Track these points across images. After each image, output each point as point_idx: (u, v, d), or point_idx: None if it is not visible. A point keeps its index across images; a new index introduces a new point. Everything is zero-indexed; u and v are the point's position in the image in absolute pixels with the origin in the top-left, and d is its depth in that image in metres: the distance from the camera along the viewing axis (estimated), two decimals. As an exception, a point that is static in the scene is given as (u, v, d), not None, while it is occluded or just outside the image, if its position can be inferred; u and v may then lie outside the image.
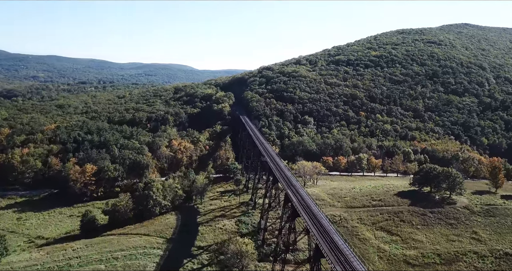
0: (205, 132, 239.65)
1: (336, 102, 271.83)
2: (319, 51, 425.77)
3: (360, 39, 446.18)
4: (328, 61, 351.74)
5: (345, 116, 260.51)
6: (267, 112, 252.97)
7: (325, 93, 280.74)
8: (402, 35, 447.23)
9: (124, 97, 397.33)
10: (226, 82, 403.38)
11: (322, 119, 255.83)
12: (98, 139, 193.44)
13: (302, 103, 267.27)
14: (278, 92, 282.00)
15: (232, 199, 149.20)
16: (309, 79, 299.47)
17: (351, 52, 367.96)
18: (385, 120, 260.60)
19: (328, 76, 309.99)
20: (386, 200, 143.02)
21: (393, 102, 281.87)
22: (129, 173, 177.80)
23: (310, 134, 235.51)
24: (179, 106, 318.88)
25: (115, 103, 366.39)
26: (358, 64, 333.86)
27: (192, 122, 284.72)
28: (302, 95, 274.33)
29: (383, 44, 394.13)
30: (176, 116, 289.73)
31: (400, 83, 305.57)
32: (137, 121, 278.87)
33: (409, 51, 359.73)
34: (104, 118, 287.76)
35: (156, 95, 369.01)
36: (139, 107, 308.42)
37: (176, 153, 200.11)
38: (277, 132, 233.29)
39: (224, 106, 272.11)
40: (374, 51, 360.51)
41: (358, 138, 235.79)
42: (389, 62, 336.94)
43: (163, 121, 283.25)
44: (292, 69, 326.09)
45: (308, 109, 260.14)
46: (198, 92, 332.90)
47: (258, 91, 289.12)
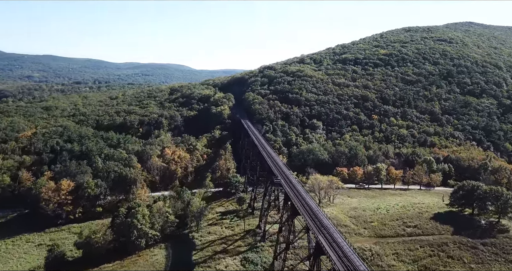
0: (203, 138, 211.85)
1: (346, 105, 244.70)
2: (323, 50, 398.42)
3: (365, 37, 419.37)
4: (334, 60, 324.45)
5: (356, 120, 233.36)
6: (271, 116, 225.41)
7: (333, 95, 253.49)
8: (409, 33, 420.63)
9: (117, 99, 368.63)
10: (225, 82, 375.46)
11: (331, 123, 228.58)
12: (79, 148, 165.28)
13: (309, 105, 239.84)
14: (282, 94, 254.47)
15: (235, 224, 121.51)
16: (315, 79, 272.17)
17: (357, 51, 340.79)
18: (400, 124, 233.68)
19: (335, 76, 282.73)
20: (422, 226, 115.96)
21: (407, 104, 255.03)
22: (114, 189, 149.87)
23: (320, 141, 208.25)
24: (174, 108, 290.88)
25: (107, 105, 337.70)
26: (367, 63, 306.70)
27: (189, 126, 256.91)
28: (309, 96, 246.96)
29: (390, 42, 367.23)
30: (171, 119, 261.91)
31: (413, 84, 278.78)
32: (128, 126, 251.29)
33: (419, 50, 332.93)
34: (93, 121, 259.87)
35: (150, 97, 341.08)
36: (131, 110, 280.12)
37: (170, 164, 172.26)
38: (283, 138, 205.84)
39: (223, 109, 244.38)
40: (382, 50, 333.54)
41: (373, 144, 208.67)
42: (399, 61, 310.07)
43: (156, 125, 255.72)
44: (297, 68, 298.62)
45: (316, 113, 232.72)
46: (195, 93, 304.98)
47: (261, 92, 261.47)
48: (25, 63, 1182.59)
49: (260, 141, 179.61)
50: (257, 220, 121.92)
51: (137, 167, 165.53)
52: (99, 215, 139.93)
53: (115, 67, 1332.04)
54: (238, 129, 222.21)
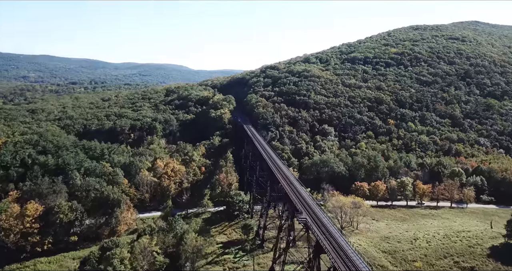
0: (201, 147, 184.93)
1: (359, 108, 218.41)
2: (327, 49, 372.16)
3: (372, 36, 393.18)
4: (342, 59, 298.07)
5: (371, 125, 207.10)
6: (277, 121, 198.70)
7: (344, 97, 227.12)
8: (417, 31, 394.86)
9: (109, 100, 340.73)
10: (225, 83, 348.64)
11: (344, 129, 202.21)
12: (54, 161, 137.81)
13: (318, 109, 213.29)
14: (288, 96, 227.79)
15: (242, 264, 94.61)
16: (323, 80, 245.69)
17: (366, 49, 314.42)
18: (419, 130, 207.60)
19: (345, 76, 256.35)
20: (481, 268, 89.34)
21: (425, 107, 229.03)
22: (94, 211, 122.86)
23: (333, 149, 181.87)
24: (169, 111, 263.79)
25: (98, 107, 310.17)
26: (378, 63, 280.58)
27: (185, 131, 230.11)
28: (318, 99, 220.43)
29: (400, 41, 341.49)
30: (165, 124, 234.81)
31: (430, 85, 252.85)
32: (118, 131, 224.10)
33: (432, 48, 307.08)
34: (80, 126, 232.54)
35: (144, 98, 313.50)
36: (122, 113, 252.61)
37: (162, 179, 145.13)
38: (291, 147, 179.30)
39: (223, 112, 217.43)
40: (393, 48, 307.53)
41: (392, 153, 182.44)
42: (412, 60, 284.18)
43: (149, 131, 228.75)
44: (302, 68, 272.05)
45: (327, 117, 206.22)
46: (193, 95, 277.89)
47: (264, 94, 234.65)
48: (21, 63, 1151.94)
49: (267, 151, 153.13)
50: (269, 258, 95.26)
51: (123, 183, 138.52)
52: (74, 245, 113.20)
53: (112, 67, 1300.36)
54: (240, 136, 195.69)
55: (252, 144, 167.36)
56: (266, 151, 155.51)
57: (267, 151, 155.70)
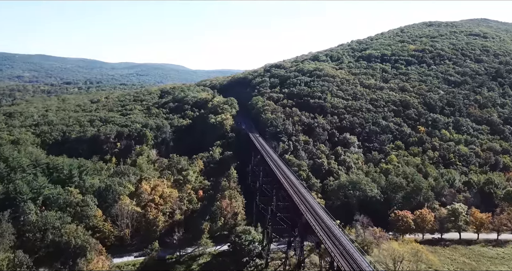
0: (198, 161, 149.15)
1: (383, 113, 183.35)
2: (335, 47, 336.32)
3: (383, 32, 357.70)
4: (356, 57, 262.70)
5: (399, 133, 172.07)
6: (289, 129, 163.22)
7: (365, 100, 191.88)
8: (431, 27, 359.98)
9: (99, 102, 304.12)
10: (224, 83, 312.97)
11: (368, 138, 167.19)
12: (2, 188, 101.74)
13: (337, 114, 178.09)
14: (300, 98, 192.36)
15: None
16: (339, 80, 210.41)
17: (381, 46, 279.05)
18: (455, 138, 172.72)
19: (362, 76, 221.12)
20: None
21: (457, 111, 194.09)
22: (50, 261, 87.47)
23: (358, 164, 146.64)
24: (163, 115, 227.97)
25: (84, 110, 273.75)
26: (397, 61, 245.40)
27: (180, 140, 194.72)
28: (336, 102, 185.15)
29: (416, 37, 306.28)
30: (157, 131, 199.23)
31: (459, 85, 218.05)
32: (102, 139, 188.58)
33: (455, 45, 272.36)
34: (58, 133, 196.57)
35: (136, 100, 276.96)
36: (109, 118, 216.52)
37: (148, 208, 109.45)
38: (309, 161, 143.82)
39: (224, 118, 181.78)
40: (411, 45, 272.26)
41: (430, 168, 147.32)
42: (435, 58, 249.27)
43: (139, 139, 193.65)
44: (314, 66, 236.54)
45: (348, 124, 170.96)
46: (189, 96, 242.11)
47: (272, 96, 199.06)
48: (16, 62, 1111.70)
49: (282, 170, 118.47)
50: None
51: (96, 215, 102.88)
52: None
53: (109, 67, 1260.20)
54: (245, 147, 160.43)
55: (262, 159, 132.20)
56: (280, 169, 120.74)
57: (282, 169, 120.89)
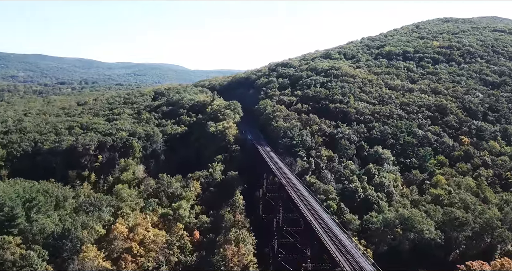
0: (194, 184, 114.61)
1: (418, 120, 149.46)
2: (345, 44, 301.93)
3: (396, 29, 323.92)
4: (374, 54, 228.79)
5: (440, 145, 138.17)
6: (307, 141, 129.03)
7: (395, 104, 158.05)
8: (448, 23, 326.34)
9: (86, 104, 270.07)
10: (225, 84, 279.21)
11: (404, 152, 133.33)
12: None
13: (363, 121, 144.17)
14: (316, 102, 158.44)
15: None
16: (360, 81, 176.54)
17: (399, 43, 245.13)
18: (508, 152, 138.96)
19: (386, 75, 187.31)
20: None
21: (503, 118, 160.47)
22: None
23: (398, 187, 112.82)
24: (154, 121, 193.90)
25: (67, 113, 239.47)
26: (422, 59, 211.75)
27: (173, 152, 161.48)
28: (361, 107, 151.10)
29: (436, 33, 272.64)
30: (147, 140, 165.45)
31: (499, 87, 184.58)
32: (80, 151, 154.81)
33: (483, 41, 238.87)
34: (29, 144, 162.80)
35: (127, 103, 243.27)
36: (91, 124, 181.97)
37: (121, 264, 75.10)
38: (337, 185, 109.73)
39: (227, 126, 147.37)
40: (435, 41, 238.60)
41: (489, 193, 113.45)
42: (465, 56, 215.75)
43: (124, 150, 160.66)
44: (328, 64, 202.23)
45: (378, 134, 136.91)
46: (185, 99, 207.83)
47: (282, 100, 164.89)
48: (11, 62, 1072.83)
49: (305, 199, 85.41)
50: None
51: (43, 278, 68.77)
52: None
53: (106, 67, 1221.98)
54: (252, 163, 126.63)
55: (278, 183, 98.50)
56: (303, 198, 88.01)
57: (305, 199, 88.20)
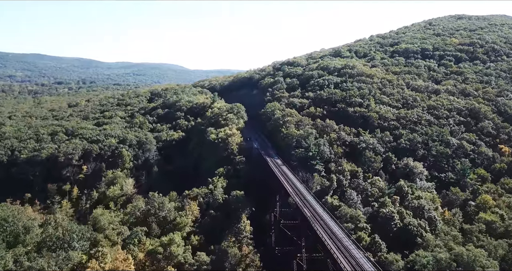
0: (191, 206, 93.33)
1: (450, 126, 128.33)
2: (352, 42, 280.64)
3: (408, 26, 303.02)
4: (389, 52, 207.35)
5: (478, 156, 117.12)
6: (324, 151, 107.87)
7: (421, 108, 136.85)
8: (463, 20, 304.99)
9: (77, 106, 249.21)
10: (225, 84, 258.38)
11: (437, 164, 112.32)
12: None
13: (387, 128, 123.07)
14: (332, 105, 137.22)
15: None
16: (379, 81, 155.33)
17: (414, 40, 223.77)
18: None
19: (406, 75, 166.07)
20: None
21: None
22: None
23: (438, 210, 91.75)
24: (148, 125, 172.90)
25: (55, 116, 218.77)
26: (443, 57, 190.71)
27: (168, 160, 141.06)
28: (383, 111, 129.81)
29: (452, 30, 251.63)
30: (139, 148, 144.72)
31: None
32: (62, 162, 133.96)
33: (507, 38, 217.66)
34: (4, 153, 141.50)
35: (120, 104, 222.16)
36: (77, 129, 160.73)
37: None
38: (365, 209, 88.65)
39: (230, 133, 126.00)
40: (453, 38, 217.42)
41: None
42: (490, 54, 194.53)
43: (112, 160, 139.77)
44: (341, 63, 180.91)
45: (406, 144, 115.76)
46: (183, 101, 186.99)
47: (292, 102, 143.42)
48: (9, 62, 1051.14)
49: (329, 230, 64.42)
50: None
51: None
52: None
53: (106, 66, 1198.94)
54: (260, 178, 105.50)
55: (297, 210, 77.69)
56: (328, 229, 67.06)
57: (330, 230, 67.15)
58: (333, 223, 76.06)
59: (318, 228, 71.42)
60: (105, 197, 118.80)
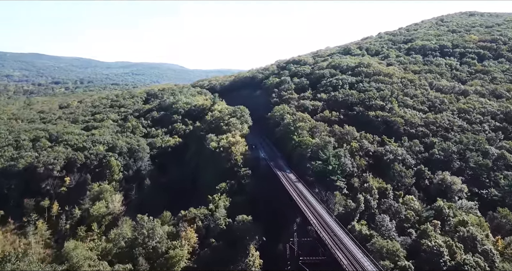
0: (188, 232, 75.60)
1: (485, 133, 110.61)
2: (359, 40, 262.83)
3: (418, 23, 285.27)
4: (404, 50, 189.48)
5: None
6: (346, 164, 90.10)
7: (450, 111, 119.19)
8: (474, 17, 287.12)
9: (68, 107, 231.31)
10: (226, 84, 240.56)
11: (477, 178, 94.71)
12: None
13: (415, 135, 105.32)
14: (348, 108, 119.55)
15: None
16: (399, 81, 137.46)
17: (429, 36, 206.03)
18: None
19: (427, 74, 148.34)
20: None
21: None
22: None
23: (489, 239, 74.24)
24: (142, 129, 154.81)
25: (43, 118, 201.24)
26: (464, 54, 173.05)
27: (162, 170, 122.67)
28: (409, 116, 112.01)
29: (468, 26, 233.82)
30: (130, 157, 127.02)
31: None
32: (41, 173, 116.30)
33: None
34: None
35: (114, 106, 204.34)
36: (62, 135, 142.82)
37: None
38: (403, 238, 70.96)
39: (233, 141, 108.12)
40: (472, 35, 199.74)
41: None
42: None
43: (99, 171, 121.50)
44: (355, 61, 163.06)
45: (440, 154, 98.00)
46: (180, 103, 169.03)
47: (303, 105, 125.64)
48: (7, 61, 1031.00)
49: None
50: None
51: None
52: None
53: (105, 66, 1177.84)
54: (269, 196, 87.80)
55: (320, 241, 59.97)
56: None
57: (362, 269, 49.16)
58: (368, 261, 58.83)
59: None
60: (89, 216, 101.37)
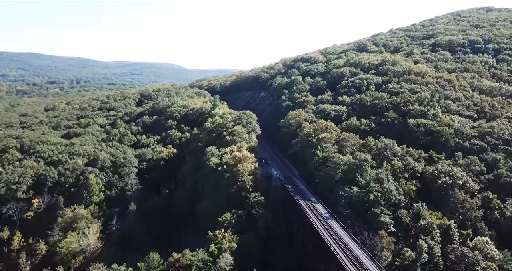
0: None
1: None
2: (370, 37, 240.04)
3: (432, 19, 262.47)
4: (428, 45, 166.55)
5: None
6: (391, 191, 67.02)
7: (505, 118, 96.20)
8: (492, 12, 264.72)
9: (54, 110, 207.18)
10: (227, 84, 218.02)
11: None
12: None
13: (471, 150, 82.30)
14: (379, 114, 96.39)
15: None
16: (435, 81, 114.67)
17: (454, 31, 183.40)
18: None
19: (464, 73, 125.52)
20: None
21: None
22: None
23: None
24: (131, 137, 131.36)
25: (23, 123, 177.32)
26: (499, 51, 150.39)
27: (152, 192, 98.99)
28: (458, 125, 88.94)
29: (491, 21, 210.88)
30: (114, 171, 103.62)
31: None
32: (3, 195, 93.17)
33: None
34: None
35: (103, 108, 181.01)
36: (36, 144, 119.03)
37: None
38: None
39: (239, 158, 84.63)
40: (502, 30, 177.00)
41: None
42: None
43: (75, 190, 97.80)
44: (376, 58, 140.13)
45: (509, 177, 75.04)
46: (176, 106, 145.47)
47: (324, 109, 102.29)
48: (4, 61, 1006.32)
49: None
50: None
51: None
52: None
53: (103, 66, 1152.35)
54: (287, 231, 65.04)
55: None
56: None
57: None
58: None
59: None
60: (56, 253, 78.51)
